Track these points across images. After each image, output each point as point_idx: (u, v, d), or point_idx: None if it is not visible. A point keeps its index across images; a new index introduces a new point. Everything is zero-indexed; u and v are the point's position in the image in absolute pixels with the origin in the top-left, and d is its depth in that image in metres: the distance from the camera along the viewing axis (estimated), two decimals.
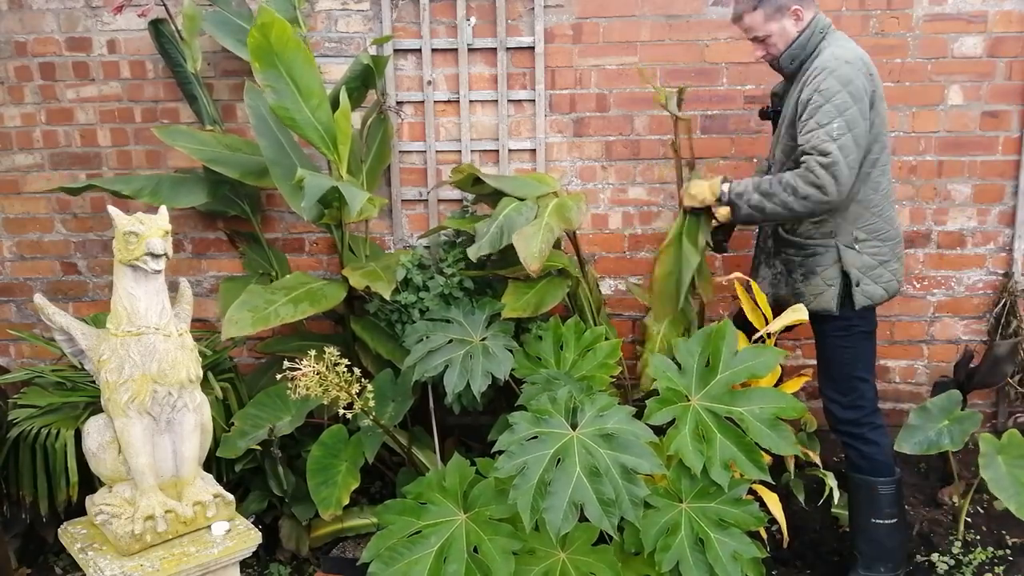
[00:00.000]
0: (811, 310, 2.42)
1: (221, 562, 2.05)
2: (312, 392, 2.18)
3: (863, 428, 2.47)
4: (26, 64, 3.20)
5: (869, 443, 2.47)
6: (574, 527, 1.97)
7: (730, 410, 2.27)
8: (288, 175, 2.72)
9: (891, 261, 2.43)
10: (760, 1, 2.37)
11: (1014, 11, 2.97)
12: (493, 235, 2.56)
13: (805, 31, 2.37)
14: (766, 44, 2.42)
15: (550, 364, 2.56)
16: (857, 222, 2.37)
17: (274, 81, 2.54)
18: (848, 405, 2.48)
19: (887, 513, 2.47)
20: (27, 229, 3.35)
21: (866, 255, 2.39)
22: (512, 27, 3.07)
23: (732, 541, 2.13)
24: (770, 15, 2.37)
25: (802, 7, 2.36)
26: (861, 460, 2.48)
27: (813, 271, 2.43)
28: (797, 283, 2.47)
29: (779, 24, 2.37)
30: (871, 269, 2.39)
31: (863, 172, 2.33)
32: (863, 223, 2.38)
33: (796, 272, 2.47)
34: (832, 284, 2.40)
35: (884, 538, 2.49)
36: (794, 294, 2.48)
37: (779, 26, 2.37)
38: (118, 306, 2.01)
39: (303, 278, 2.76)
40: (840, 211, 2.36)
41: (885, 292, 2.43)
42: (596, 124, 3.13)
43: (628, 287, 3.16)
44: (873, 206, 2.37)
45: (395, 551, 2.13)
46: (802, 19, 2.36)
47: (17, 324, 3.37)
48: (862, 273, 2.38)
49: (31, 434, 2.55)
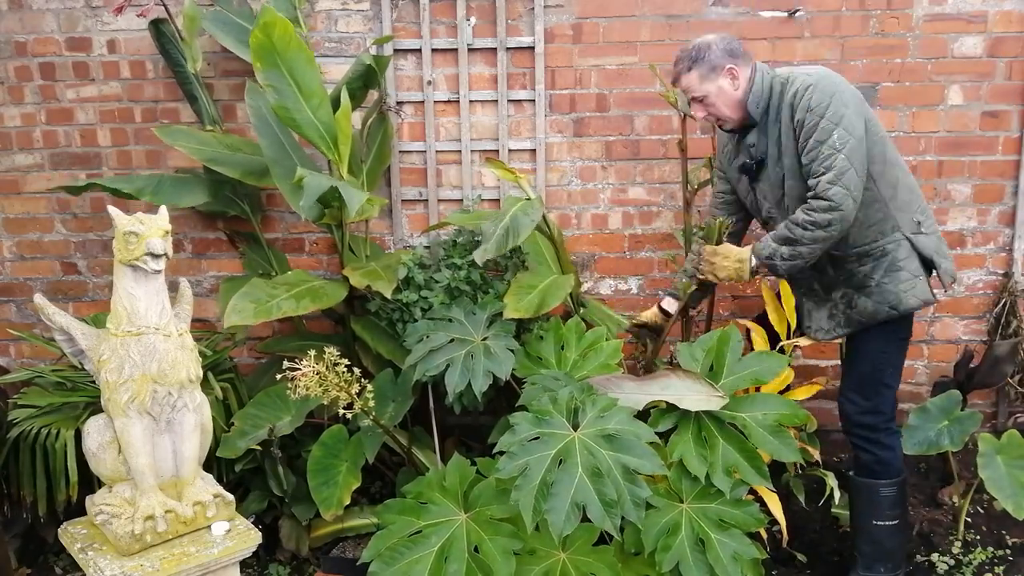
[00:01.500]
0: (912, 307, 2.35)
1: (221, 562, 2.05)
2: (312, 392, 2.18)
3: (879, 433, 2.46)
4: (26, 64, 3.20)
5: (884, 448, 2.46)
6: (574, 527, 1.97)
7: (733, 416, 2.27)
8: (288, 175, 2.72)
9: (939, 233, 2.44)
10: (693, 62, 2.37)
11: (1014, 11, 2.97)
12: (499, 237, 2.49)
13: (755, 78, 2.35)
14: (705, 104, 2.41)
15: (551, 364, 2.56)
16: (911, 207, 2.36)
17: (276, 81, 2.54)
18: (868, 410, 2.45)
19: (889, 515, 2.47)
20: (27, 229, 3.35)
21: (932, 235, 2.38)
22: (512, 27, 3.07)
23: (732, 542, 2.12)
24: (704, 75, 2.36)
25: (736, 66, 2.34)
26: (874, 464, 2.47)
27: (895, 267, 2.34)
28: (884, 289, 2.34)
29: (715, 84, 2.36)
30: (941, 245, 2.40)
31: (890, 162, 2.32)
32: (916, 205, 2.37)
33: (873, 279, 2.35)
34: (919, 274, 2.35)
35: (885, 539, 2.49)
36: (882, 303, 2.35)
37: (715, 86, 2.36)
38: (118, 306, 2.01)
39: (304, 276, 2.76)
40: (891, 203, 2.33)
41: (953, 266, 2.44)
42: (596, 124, 3.13)
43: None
44: (911, 187, 2.38)
45: (395, 551, 2.12)
46: (738, 78, 2.35)
47: (17, 324, 3.37)
48: (936, 253, 2.37)
49: (31, 434, 2.55)
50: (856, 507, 2.53)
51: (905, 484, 2.51)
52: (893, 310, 2.35)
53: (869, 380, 2.46)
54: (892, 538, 2.50)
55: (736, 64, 2.35)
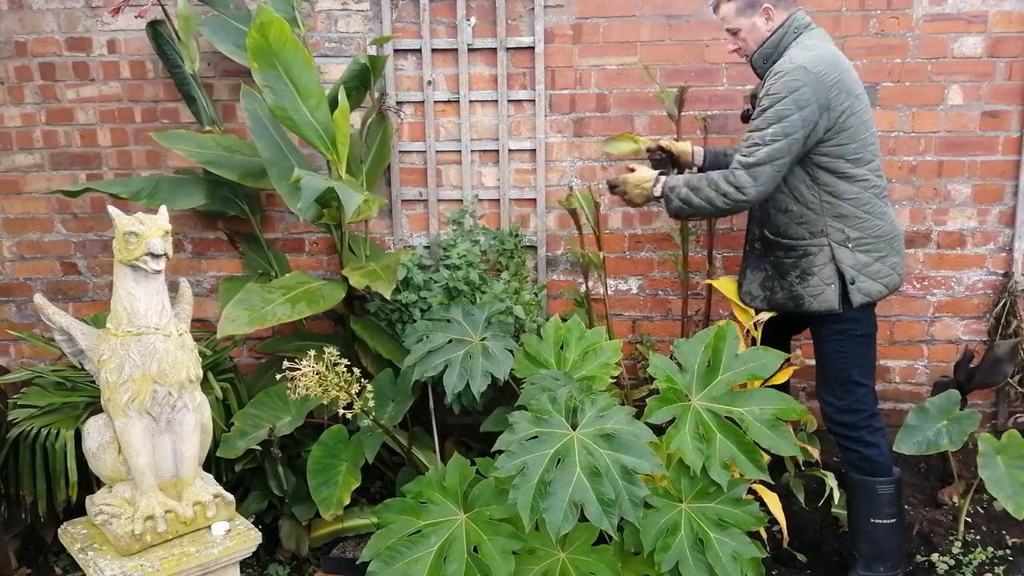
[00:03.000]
0: (814, 311, 2.42)
1: (221, 562, 2.05)
2: (312, 392, 2.18)
3: (861, 431, 2.47)
4: (26, 64, 3.20)
5: (868, 445, 2.47)
6: (574, 527, 1.96)
7: (730, 410, 2.27)
8: (286, 176, 2.72)
9: (888, 256, 2.42)
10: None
11: (1014, 11, 2.97)
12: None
13: (777, 31, 2.38)
14: (737, 38, 2.46)
15: (551, 364, 2.56)
16: (848, 221, 2.37)
17: (272, 81, 2.54)
18: (844, 409, 2.47)
19: (886, 513, 2.47)
20: (27, 229, 3.35)
21: (859, 253, 2.38)
22: (512, 27, 3.07)
23: (732, 541, 2.12)
24: (741, 9, 2.40)
25: (774, 7, 2.37)
26: (861, 462, 2.48)
27: (809, 271, 2.42)
28: (794, 286, 2.46)
29: (749, 20, 2.39)
30: (867, 266, 2.39)
31: (849, 173, 2.34)
32: (854, 222, 2.37)
33: (790, 275, 2.46)
34: (831, 283, 2.40)
35: (883, 538, 2.49)
36: (792, 298, 2.46)
37: (749, 22, 2.40)
38: (118, 306, 2.01)
39: (302, 277, 2.76)
40: (829, 212, 2.37)
41: (884, 288, 2.42)
42: (596, 124, 3.13)
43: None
44: (863, 204, 2.36)
45: (395, 550, 2.12)
46: (772, 19, 2.38)
47: (17, 324, 3.37)
48: (857, 271, 2.38)
49: (31, 434, 2.55)
50: (854, 506, 2.53)
51: (900, 482, 2.51)
52: (796, 307, 2.45)
53: (837, 379, 2.48)
54: (890, 537, 2.50)
55: (775, 5, 2.37)
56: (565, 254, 3.22)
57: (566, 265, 3.23)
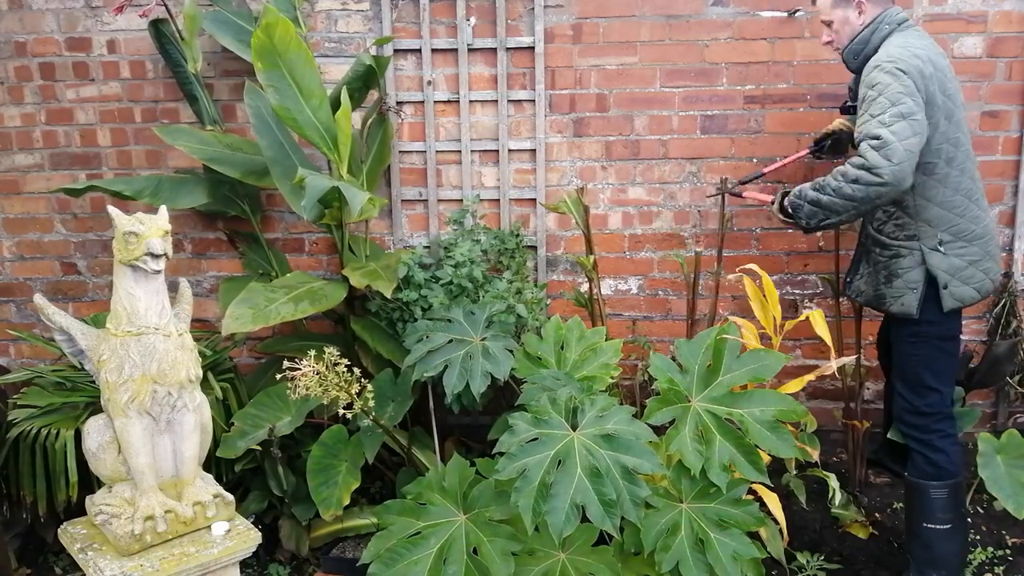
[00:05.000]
0: (893, 312, 2.41)
1: (221, 562, 2.05)
2: (312, 392, 2.18)
3: (931, 435, 2.44)
4: (26, 64, 3.20)
5: (936, 450, 2.44)
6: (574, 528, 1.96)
7: (730, 412, 2.27)
8: (288, 175, 2.73)
9: (982, 260, 2.38)
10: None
11: (1014, 11, 2.96)
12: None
13: (869, 26, 2.38)
14: (831, 29, 2.47)
15: (551, 364, 2.56)
16: (940, 224, 2.34)
17: (276, 81, 2.54)
18: (913, 410, 2.46)
19: (940, 519, 2.43)
20: (27, 229, 3.35)
21: (953, 257, 2.35)
22: (512, 27, 3.07)
23: (732, 541, 2.12)
24: (837, 1, 2.41)
25: (866, 1, 2.37)
26: (926, 465, 2.45)
27: (896, 273, 2.40)
28: (880, 285, 2.44)
29: (843, 12, 2.41)
30: (960, 271, 2.36)
31: (941, 173, 2.31)
32: (947, 225, 2.35)
33: (880, 273, 2.44)
34: (914, 288, 2.37)
35: (937, 544, 2.45)
36: (876, 296, 2.45)
37: (843, 14, 2.41)
38: (118, 306, 2.01)
39: (304, 277, 2.76)
40: (921, 214, 2.34)
41: (977, 293, 2.39)
42: (596, 124, 3.13)
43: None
44: (955, 207, 2.34)
45: (395, 552, 2.12)
46: (865, 12, 2.38)
47: (17, 324, 3.37)
48: (950, 275, 2.35)
49: (31, 434, 2.55)
50: (908, 509, 2.51)
51: (959, 488, 2.46)
52: (878, 306, 2.44)
53: (911, 380, 2.47)
54: (944, 543, 2.45)
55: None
56: (565, 254, 3.22)
57: (566, 265, 3.23)
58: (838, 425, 3.16)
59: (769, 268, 2.85)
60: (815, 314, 2.58)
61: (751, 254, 3.18)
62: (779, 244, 3.17)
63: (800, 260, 3.18)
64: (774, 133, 3.09)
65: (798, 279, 3.20)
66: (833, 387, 3.24)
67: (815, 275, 3.18)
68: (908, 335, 2.45)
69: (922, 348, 2.43)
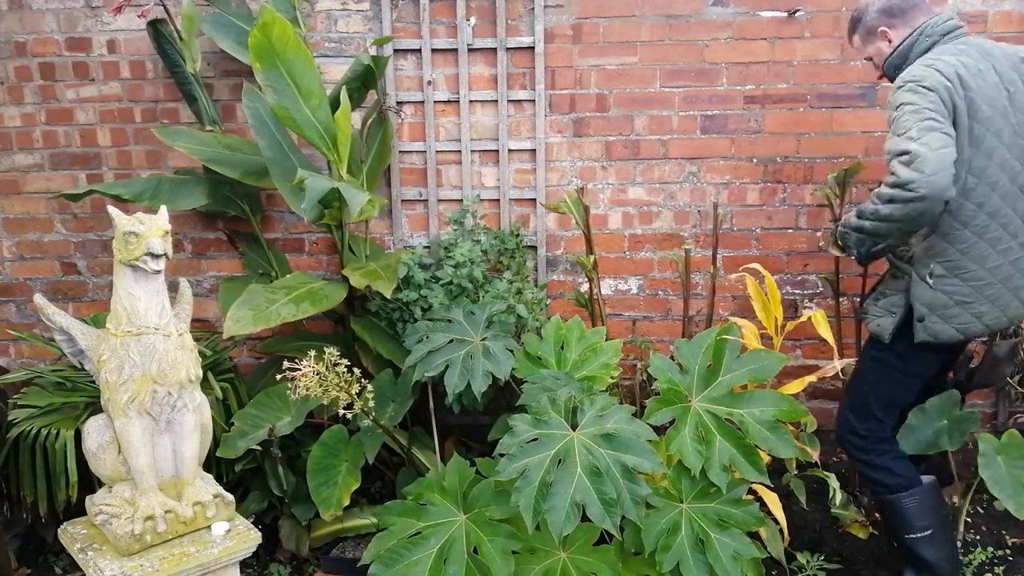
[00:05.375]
0: (870, 329, 2.40)
1: (221, 562, 2.05)
2: (312, 392, 2.18)
3: (868, 454, 2.45)
4: (26, 64, 3.20)
5: (876, 468, 2.44)
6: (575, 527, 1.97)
7: (730, 412, 2.27)
8: (288, 175, 2.73)
9: (975, 303, 2.23)
10: (855, 24, 2.43)
11: (1014, 11, 2.97)
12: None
13: (906, 40, 2.31)
14: (874, 65, 2.46)
15: (551, 364, 2.56)
16: (937, 256, 2.23)
17: (275, 81, 2.54)
18: (852, 431, 2.46)
19: (918, 527, 2.42)
20: (27, 229, 3.35)
21: (939, 291, 2.24)
22: (512, 27, 3.07)
23: (732, 541, 2.12)
24: (864, 38, 2.42)
25: (890, 27, 2.34)
26: (872, 484, 2.46)
27: (884, 293, 2.38)
28: (871, 299, 2.42)
29: (875, 46, 2.40)
30: (943, 307, 2.24)
31: (953, 204, 2.16)
32: (944, 258, 2.22)
33: (878, 287, 2.42)
34: (894, 313, 2.32)
35: (923, 550, 2.44)
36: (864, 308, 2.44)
37: (875, 48, 2.40)
38: (118, 306, 2.01)
39: (304, 278, 2.76)
40: (922, 240, 2.25)
41: (958, 333, 2.25)
42: (596, 124, 3.13)
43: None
44: (960, 242, 2.20)
45: (395, 552, 2.13)
46: (893, 40, 2.35)
47: (17, 324, 3.37)
48: (929, 309, 2.25)
49: (31, 434, 2.55)
50: (887, 525, 2.50)
51: (929, 494, 2.45)
52: (861, 317, 2.42)
53: (857, 401, 2.47)
54: (929, 549, 2.43)
55: (891, 25, 2.35)
56: (565, 254, 3.22)
57: (566, 265, 3.23)
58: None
59: (769, 268, 2.85)
60: (817, 314, 2.58)
61: (751, 254, 3.18)
62: (779, 244, 3.18)
63: (800, 260, 3.19)
64: (774, 133, 3.09)
65: (798, 279, 3.20)
66: (833, 387, 3.24)
67: (815, 275, 3.18)
68: (874, 354, 2.43)
69: (880, 374, 2.41)
